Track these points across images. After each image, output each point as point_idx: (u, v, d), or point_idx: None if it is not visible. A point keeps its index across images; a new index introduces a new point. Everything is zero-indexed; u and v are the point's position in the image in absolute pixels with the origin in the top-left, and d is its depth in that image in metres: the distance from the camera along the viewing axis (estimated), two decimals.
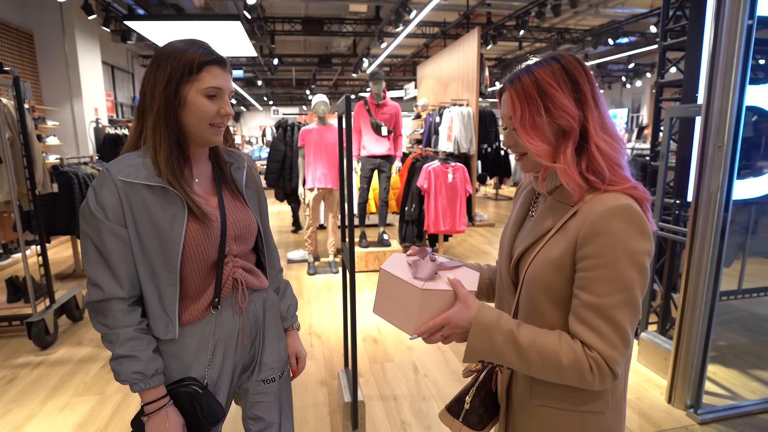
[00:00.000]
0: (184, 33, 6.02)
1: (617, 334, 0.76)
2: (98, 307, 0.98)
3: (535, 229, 0.87)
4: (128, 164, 0.98)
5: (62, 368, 2.82)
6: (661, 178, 2.67)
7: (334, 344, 3.13)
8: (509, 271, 0.92)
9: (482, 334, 0.81)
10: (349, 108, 1.85)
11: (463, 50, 6.94)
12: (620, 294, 0.75)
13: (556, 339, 0.79)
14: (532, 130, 0.81)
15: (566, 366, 0.77)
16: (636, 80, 15.83)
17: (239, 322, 1.12)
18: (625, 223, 0.75)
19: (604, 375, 0.76)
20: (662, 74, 2.90)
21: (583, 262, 0.78)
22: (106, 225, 0.96)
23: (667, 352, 2.58)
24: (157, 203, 0.98)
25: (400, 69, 15.25)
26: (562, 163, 0.80)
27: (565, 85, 0.80)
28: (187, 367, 1.06)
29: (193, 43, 1.00)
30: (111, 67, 9.01)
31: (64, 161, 4.42)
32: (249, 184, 1.17)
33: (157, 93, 0.97)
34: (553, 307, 0.83)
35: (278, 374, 1.22)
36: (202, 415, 1.01)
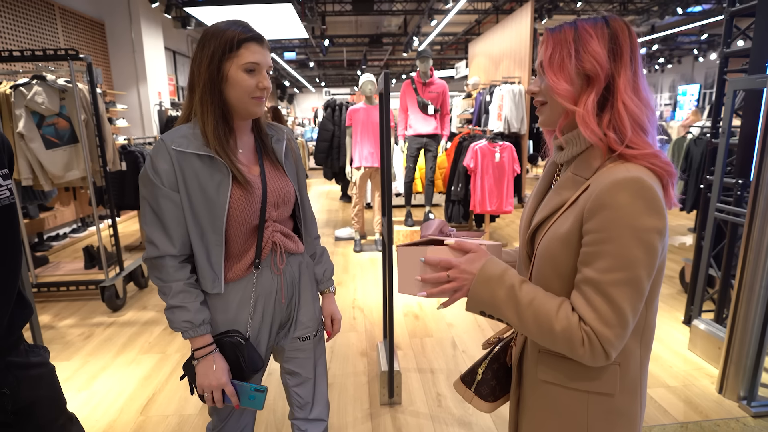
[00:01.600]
0: (238, 17, 6.22)
1: (614, 313, 0.73)
2: (154, 263, 1.10)
3: (550, 203, 0.85)
4: (181, 135, 1.08)
5: (130, 329, 3.11)
6: (721, 156, 2.50)
7: (376, 318, 3.23)
8: (525, 243, 0.91)
9: (485, 284, 0.82)
10: (388, 86, 1.88)
11: (516, 26, 6.69)
12: (621, 272, 0.72)
13: (555, 305, 0.78)
14: (559, 70, 0.79)
15: (557, 332, 0.76)
16: (710, 53, 14.57)
17: (277, 282, 1.22)
18: (633, 197, 0.71)
19: (596, 351, 0.74)
20: (728, 43, 2.68)
21: (587, 236, 0.75)
22: (162, 190, 1.06)
23: (720, 340, 2.46)
24: (206, 170, 1.08)
25: (451, 47, 14.92)
26: (582, 108, 0.78)
27: (602, 36, 0.78)
28: (231, 320, 1.18)
29: (233, 23, 1.08)
30: (173, 52, 9.48)
31: (132, 141, 4.77)
32: (288, 155, 1.25)
33: (202, 70, 1.07)
34: (560, 283, 0.82)
35: (312, 333, 1.31)
36: (244, 363, 1.13)
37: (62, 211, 5.32)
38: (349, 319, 3.23)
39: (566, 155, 0.85)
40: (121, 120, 6.35)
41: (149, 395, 2.35)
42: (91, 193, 3.39)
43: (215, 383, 1.10)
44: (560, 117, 0.83)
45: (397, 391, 2.23)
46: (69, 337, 3.00)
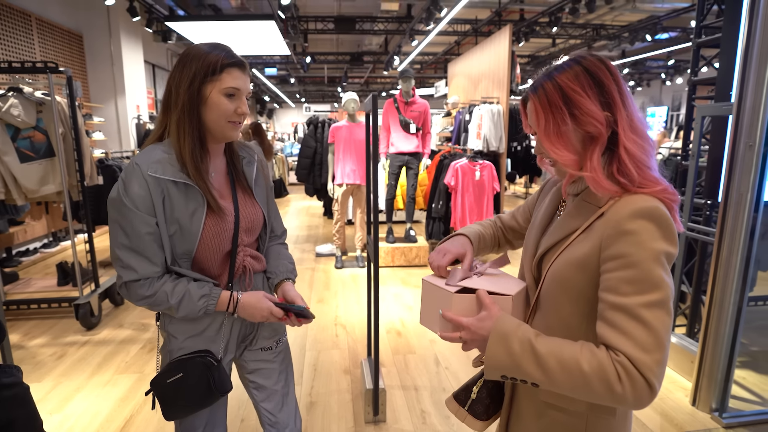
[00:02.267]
0: (221, 32, 6.18)
1: (650, 336, 0.69)
2: (133, 286, 1.08)
3: (561, 228, 0.86)
4: (155, 160, 1.07)
5: (105, 348, 3.02)
6: (691, 178, 2.63)
7: (359, 335, 3.22)
8: (531, 267, 0.91)
9: (500, 343, 0.78)
10: (376, 106, 1.92)
11: (495, 47, 6.90)
12: (650, 293, 0.71)
13: (578, 346, 0.75)
14: (557, 139, 0.79)
15: (589, 373, 0.71)
16: (676, 77, 15.26)
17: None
18: (652, 224, 0.73)
19: (636, 384, 0.69)
20: (696, 72, 2.84)
21: (608, 263, 0.75)
22: (137, 214, 1.05)
23: (693, 354, 2.54)
24: (181, 197, 1.09)
25: (431, 66, 15.22)
26: (589, 171, 0.78)
27: (591, 89, 0.77)
28: (205, 342, 1.20)
29: (216, 47, 1.09)
30: (152, 65, 9.40)
31: (109, 155, 4.69)
32: (259, 179, 1.27)
33: (181, 91, 1.06)
34: (571, 308, 0.81)
35: (274, 342, 1.35)
36: (214, 385, 1.14)
37: (33, 225, 5.16)
38: (331, 336, 3.21)
39: (576, 188, 0.87)
40: (97, 133, 6.24)
41: (126, 417, 2.28)
42: (67, 208, 3.31)
43: (265, 312, 1.15)
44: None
45: (382, 408, 2.22)
46: (40, 356, 2.90)
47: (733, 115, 2.12)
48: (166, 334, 1.22)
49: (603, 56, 0.81)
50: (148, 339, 3.13)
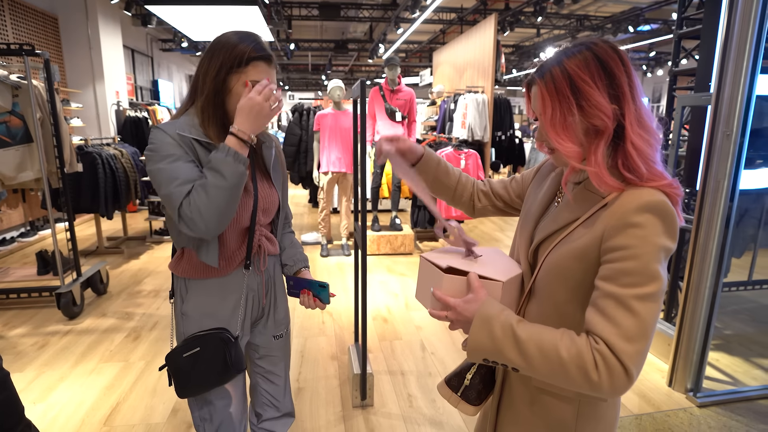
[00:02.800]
0: (202, 17, 6.04)
1: (637, 326, 0.71)
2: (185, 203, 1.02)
3: (561, 216, 0.85)
4: (181, 123, 1.10)
5: (89, 337, 2.98)
6: (671, 166, 2.70)
7: (345, 322, 3.25)
8: (527, 254, 0.90)
9: (482, 327, 0.79)
10: (364, 93, 1.92)
11: (480, 37, 6.90)
12: (646, 286, 0.72)
13: (558, 333, 0.76)
14: (562, 130, 0.77)
15: (567, 360, 0.72)
16: (657, 69, 15.51)
17: (259, 281, 1.27)
18: (658, 218, 0.73)
19: (613, 372, 0.70)
20: (677, 63, 2.90)
21: (610, 254, 0.75)
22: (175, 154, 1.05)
23: (670, 338, 2.63)
24: (205, 158, 1.09)
25: (416, 55, 15.17)
26: (592, 165, 0.77)
27: (600, 79, 0.75)
28: (222, 320, 1.20)
29: (245, 37, 1.10)
30: (131, 50, 9.16)
31: (89, 142, 4.58)
32: (276, 163, 1.29)
33: (208, 80, 1.09)
34: (567, 296, 0.82)
35: (285, 330, 1.38)
36: (230, 361, 1.14)
37: (9, 214, 5.03)
38: (318, 323, 3.23)
39: (580, 176, 0.86)
40: (75, 119, 6.08)
41: (113, 405, 2.26)
42: (46, 196, 3.23)
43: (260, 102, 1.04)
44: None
45: (370, 393, 2.25)
46: (21, 346, 2.85)
47: (711, 105, 2.18)
48: (180, 316, 1.21)
49: (616, 44, 0.78)
50: (132, 328, 3.10)
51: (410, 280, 4.15)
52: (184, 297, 1.21)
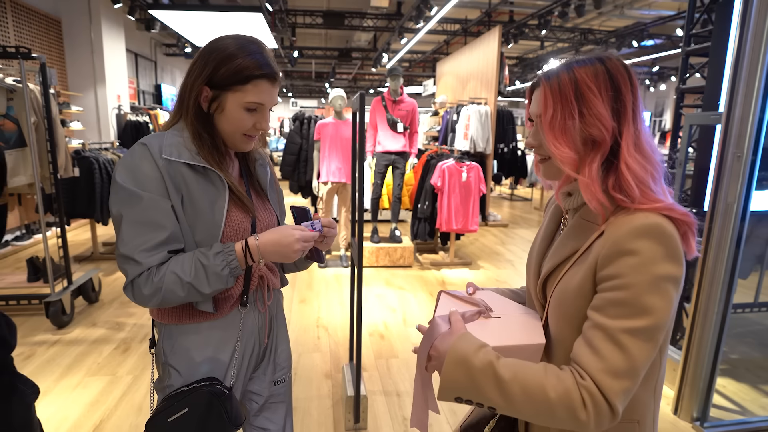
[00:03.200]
0: (206, 23, 6.02)
1: (625, 363, 0.67)
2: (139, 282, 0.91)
3: (561, 250, 0.81)
4: (168, 143, 0.95)
5: (77, 348, 2.90)
6: (678, 186, 2.63)
7: (341, 337, 3.16)
8: (537, 292, 0.86)
9: (458, 365, 0.72)
10: (363, 104, 1.86)
11: (484, 48, 6.88)
12: (636, 319, 0.67)
13: (542, 370, 0.71)
14: (561, 133, 0.74)
15: (554, 401, 0.68)
16: (660, 84, 15.52)
17: (261, 321, 1.12)
18: (653, 243, 0.67)
19: (600, 411, 0.66)
20: (684, 80, 2.84)
21: (602, 283, 0.71)
22: (148, 198, 0.90)
23: (675, 362, 2.55)
24: (199, 184, 0.95)
25: (419, 65, 15.19)
26: (585, 177, 0.73)
27: (606, 92, 0.73)
28: (218, 370, 1.04)
29: (246, 47, 0.94)
30: (135, 54, 9.16)
31: (86, 146, 4.52)
32: (272, 180, 1.17)
33: (194, 94, 0.96)
34: (574, 335, 0.75)
35: (287, 374, 1.23)
36: (227, 417, 0.97)
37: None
38: (313, 338, 3.15)
39: (574, 202, 0.82)
40: (75, 122, 6.04)
41: (96, 422, 2.18)
42: (39, 201, 3.17)
43: (296, 243, 0.95)
44: (563, 174, 0.80)
45: (363, 416, 2.17)
46: None
47: (721, 125, 2.11)
48: (167, 370, 1.03)
49: (628, 64, 0.76)
50: (122, 339, 3.02)
51: (409, 294, 4.07)
52: (169, 348, 1.03)
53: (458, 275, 4.62)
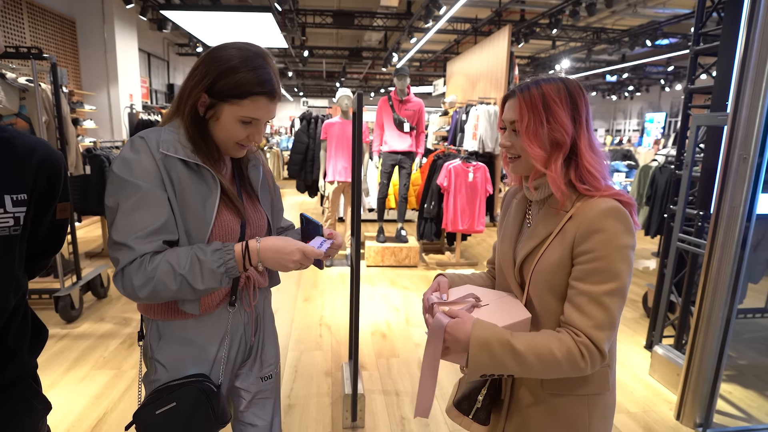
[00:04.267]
0: (217, 23, 6.08)
1: (606, 317, 0.86)
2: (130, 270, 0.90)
3: (535, 235, 0.97)
4: (165, 139, 0.96)
5: (84, 342, 2.96)
6: (684, 188, 2.59)
7: (343, 336, 3.17)
8: (514, 274, 1.01)
9: (482, 348, 0.86)
10: (362, 106, 1.86)
11: (494, 48, 6.84)
12: (612, 283, 0.86)
13: (547, 337, 0.88)
14: (534, 137, 0.92)
15: (561, 359, 0.85)
16: (675, 83, 15.27)
17: (247, 319, 1.13)
18: (616, 221, 0.86)
19: (594, 357, 0.86)
20: (692, 80, 2.79)
21: (580, 257, 0.88)
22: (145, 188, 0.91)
23: (679, 367, 2.51)
24: (192, 180, 0.97)
25: (430, 64, 15.15)
26: (552, 172, 0.92)
27: (566, 104, 0.91)
28: (194, 357, 1.05)
29: (249, 61, 0.93)
30: (147, 54, 9.29)
31: (98, 144, 4.60)
32: (263, 182, 1.17)
33: (191, 101, 0.96)
34: (557, 302, 0.93)
35: (274, 370, 1.23)
36: (213, 414, 0.98)
37: None
38: (315, 336, 3.17)
39: (540, 195, 0.98)
40: (88, 121, 6.14)
41: (99, 415, 2.22)
42: None
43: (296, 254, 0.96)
44: (532, 169, 0.96)
45: (361, 415, 2.17)
46: None
47: (728, 126, 2.08)
48: (153, 364, 1.05)
49: (581, 85, 0.96)
50: (129, 334, 3.07)
51: (413, 294, 4.07)
52: (155, 343, 1.05)
53: None
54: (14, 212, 0.84)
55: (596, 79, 16.36)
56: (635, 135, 17.88)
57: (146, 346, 1.08)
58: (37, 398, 0.98)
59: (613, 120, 21.07)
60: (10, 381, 0.90)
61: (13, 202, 0.83)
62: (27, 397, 0.95)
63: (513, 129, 0.95)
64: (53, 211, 0.94)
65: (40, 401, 0.99)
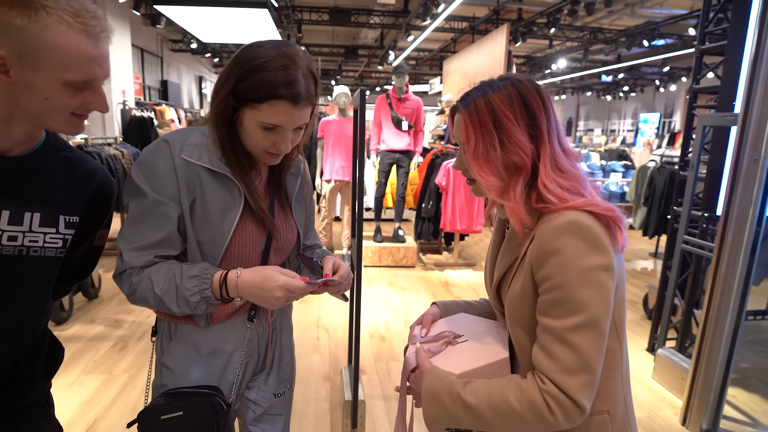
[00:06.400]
0: (211, 19, 5.99)
1: (576, 359, 0.70)
2: (125, 276, 0.90)
3: (505, 258, 0.84)
4: (192, 142, 0.91)
5: (74, 345, 2.87)
6: (689, 189, 2.55)
7: (341, 339, 3.11)
8: (494, 299, 0.89)
9: (432, 402, 0.78)
10: (364, 103, 1.80)
11: (491, 47, 6.79)
12: (576, 316, 0.70)
13: (503, 385, 0.75)
14: (485, 163, 0.77)
15: (521, 411, 0.71)
16: (670, 84, 15.34)
17: (263, 332, 1.07)
18: (573, 238, 0.71)
19: (565, 409, 0.69)
20: (698, 80, 2.75)
21: (540, 286, 0.74)
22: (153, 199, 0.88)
23: (684, 371, 2.47)
24: (215, 189, 0.91)
25: (426, 63, 15.09)
26: (511, 201, 0.77)
27: (522, 118, 0.76)
28: (212, 376, 1.00)
29: (272, 62, 0.84)
30: (140, 50, 9.15)
31: (89, 141, 4.50)
32: (299, 194, 1.09)
33: (217, 100, 0.89)
34: (528, 338, 0.79)
35: (288, 387, 1.17)
36: None
37: None
38: (312, 339, 3.10)
39: (504, 214, 0.87)
40: None
41: (89, 422, 2.14)
42: None
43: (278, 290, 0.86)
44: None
45: (361, 421, 2.11)
46: None
47: (737, 126, 2.03)
48: (160, 368, 1.01)
49: (538, 83, 0.80)
50: (120, 336, 2.99)
51: (411, 295, 4.01)
52: (166, 344, 1.00)
53: (462, 276, 4.55)
54: (64, 234, 0.83)
55: (591, 79, 16.39)
56: (630, 135, 17.96)
57: (158, 345, 1.03)
58: (48, 422, 0.93)
59: (608, 120, 21.16)
60: (23, 407, 0.86)
61: (66, 223, 0.83)
62: (38, 422, 0.90)
63: (464, 150, 0.81)
64: (93, 237, 0.94)
65: (51, 426, 0.94)
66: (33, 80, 0.70)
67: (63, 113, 0.75)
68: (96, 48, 0.74)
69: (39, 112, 0.74)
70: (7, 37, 0.67)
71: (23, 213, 0.78)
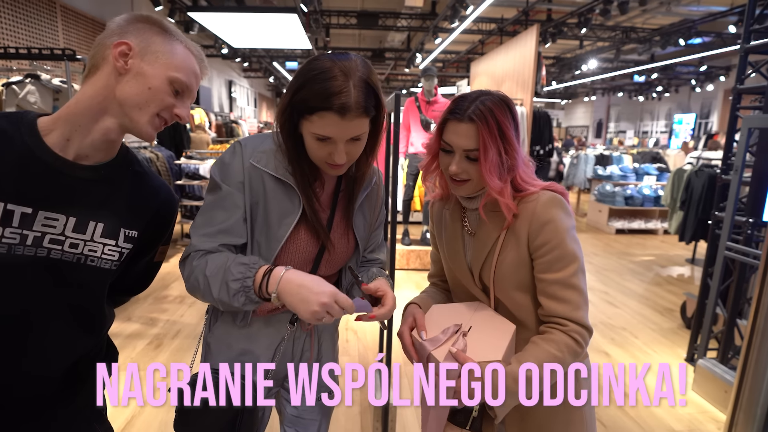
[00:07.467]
0: (242, 25, 6.13)
1: (580, 296, 0.93)
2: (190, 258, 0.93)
3: (485, 240, 1.00)
4: (262, 149, 0.96)
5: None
6: (733, 194, 2.45)
7: (370, 341, 3.12)
8: (475, 282, 1.03)
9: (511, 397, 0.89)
10: (398, 105, 1.80)
11: (520, 48, 6.70)
12: (573, 264, 0.93)
13: (544, 346, 0.91)
14: (494, 168, 0.91)
15: (563, 358, 0.91)
16: (707, 84, 14.77)
17: (301, 338, 1.08)
18: (558, 209, 0.94)
19: (585, 337, 0.93)
20: (742, 79, 2.64)
21: (539, 250, 0.94)
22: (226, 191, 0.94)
23: (727, 383, 2.37)
24: (277, 194, 0.95)
25: (453, 65, 15.02)
26: (505, 198, 0.94)
27: (512, 125, 0.93)
28: (245, 359, 1.02)
29: (325, 73, 0.85)
30: None
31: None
32: (363, 206, 1.07)
33: (279, 110, 0.93)
34: (526, 296, 0.99)
35: (329, 390, 1.16)
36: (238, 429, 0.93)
37: None
38: (341, 341, 3.11)
39: (477, 203, 1.02)
40: None
41: (127, 418, 2.21)
42: None
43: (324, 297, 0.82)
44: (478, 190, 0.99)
45: (392, 425, 2.11)
46: None
47: None
48: (204, 342, 1.07)
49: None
50: (155, 335, 3.07)
51: None
52: (212, 323, 1.07)
53: None
54: (122, 247, 0.86)
55: (623, 79, 15.96)
56: (663, 137, 17.40)
57: (207, 322, 1.10)
58: (101, 424, 0.96)
59: (640, 121, 20.55)
60: (77, 408, 0.89)
61: (125, 237, 0.86)
62: (91, 422, 0.93)
63: (467, 156, 0.93)
64: (154, 252, 0.97)
65: (104, 428, 0.96)
66: (146, 70, 0.80)
67: (153, 108, 0.82)
68: (198, 70, 0.89)
69: (134, 101, 0.80)
70: (140, 38, 0.81)
71: (88, 222, 0.81)
